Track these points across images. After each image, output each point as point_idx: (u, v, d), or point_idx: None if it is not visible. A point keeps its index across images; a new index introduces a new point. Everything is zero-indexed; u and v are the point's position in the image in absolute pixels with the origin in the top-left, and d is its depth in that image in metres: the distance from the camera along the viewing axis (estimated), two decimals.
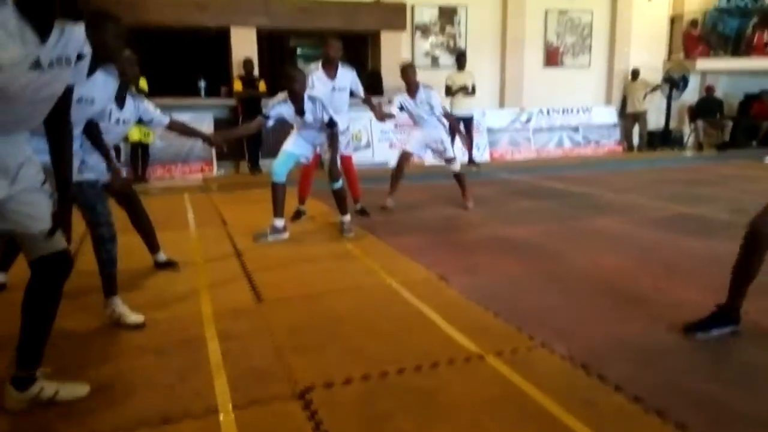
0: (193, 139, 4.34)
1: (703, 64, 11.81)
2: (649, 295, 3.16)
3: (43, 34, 1.66)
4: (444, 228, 4.98)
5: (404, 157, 5.76)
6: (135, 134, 7.96)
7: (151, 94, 8.00)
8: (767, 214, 2.58)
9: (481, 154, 10.27)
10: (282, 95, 4.37)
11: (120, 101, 3.17)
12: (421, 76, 10.39)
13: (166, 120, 3.59)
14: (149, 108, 3.45)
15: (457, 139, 5.99)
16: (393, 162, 9.63)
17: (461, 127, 6.85)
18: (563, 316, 2.88)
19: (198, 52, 10.14)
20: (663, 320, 2.78)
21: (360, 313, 2.91)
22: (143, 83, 7.87)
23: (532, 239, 4.48)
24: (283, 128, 4.85)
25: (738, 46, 12.15)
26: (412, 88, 5.51)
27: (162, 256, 3.77)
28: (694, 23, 11.88)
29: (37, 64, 1.67)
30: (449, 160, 5.66)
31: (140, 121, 3.48)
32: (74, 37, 1.78)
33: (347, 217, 4.67)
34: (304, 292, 3.26)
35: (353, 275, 3.58)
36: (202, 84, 9.21)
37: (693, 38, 11.88)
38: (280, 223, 4.49)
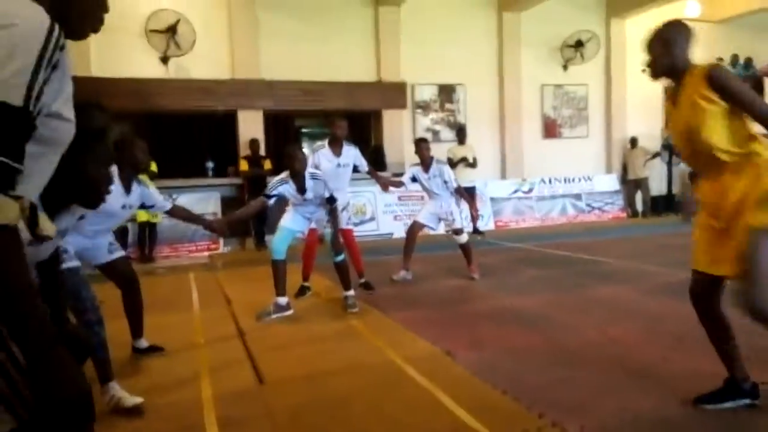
0: (195, 225, 4.38)
1: None
2: (660, 367, 3.08)
3: None
4: (450, 300, 4.94)
5: (415, 228, 5.83)
6: (143, 215, 8.09)
7: (161, 176, 8.24)
8: (693, 281, 2.59)
9: (485, 223, 10.32)
10: (283, 174, 4.48)
11: (127, 187, 3.26)
12: None
13: (168, 206, 3.69)
14: (153, 194, 3.54)
15: (466, 208, 6.12)
16: (398, 233, 9.78)
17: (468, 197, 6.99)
18: (573, 390, 2.79)
19: (206, 134, 10.48)
20: (676, 393, 2.69)
21: (365, 394, 2.84)
22: (153, 166, 8.08)
23: (538, 309, 4.42)
24: (286, 204, 4.97)
25: None
26: (425, 162, 5.68)
27: (144, 343, 3.68)
28: None
29: None
30: (457, 232, 5.73)
31: (143, 206, 3.55)
32: None
33: (351, 292, 4.65)
34: (307, 372, 3.19)
35: (357, 353, 3.52)
36: (210, 164, 9.48)
37: None
38: (283, 300, 4.48)
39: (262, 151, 9.28)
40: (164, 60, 9.03)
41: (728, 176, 2.22)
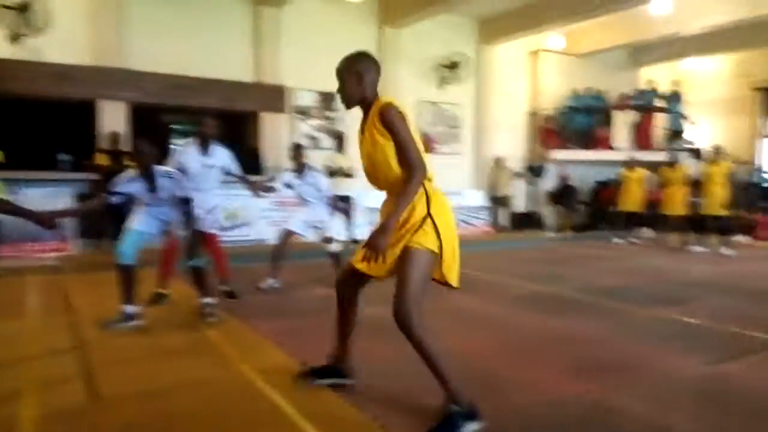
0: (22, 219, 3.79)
1: (558, 154, 13.12)
2: (501, 375, 3.24)
3: None
4: (315, 310, 4.86)
5: (286, 235, 5.69)
6: None
7: (6, 166, 7.39)
8: (342, 273, 2.92)
9: (361, 232, 10.40)
10: (132, 171, 4.17)
11: None
12: None
13: None
14: None
15: (338, 217, 6.09)
16: (272, 239, 9.55)
17: (342, 205, 7.00)
18: (420, 399, 2.85)
19: (60, 124, 9.53)
20: (514, 400, 2.85)
21: (207, 410, 2.69)
22: None
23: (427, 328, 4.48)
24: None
25: (587, 139, 13.71)
26: (300, 169, 5.59)
27: None
28: (548, 119, 13.28)
29: None
30: (327, 240, 5.70)
31: None
32: None
33: (208, 299, 4.43)
34: (147, 388, 2.96)
35: (206, 366, 3.34)
36: (64, 157, 8.63)
37: (548, 131, 13.23)
38: (131, 309, 4.15)
39: (125, 146, 8.62)
40: (14, 38, 8.10)
41: (394, 200, 2.50)
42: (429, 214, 2.49)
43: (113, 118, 8.83)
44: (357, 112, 9.40)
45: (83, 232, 8.30)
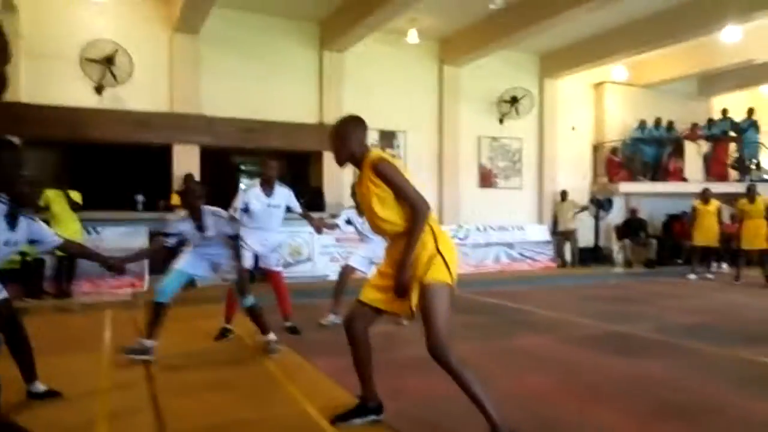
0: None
1: (626, 187, 12.70)
2: (573, 420, 3.11)
3: None
4: (376, 347, 4.79)
5: (346, 271, 5.76)
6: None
7: (86, 207, 7.88)
8: (351, 313, 2.97)
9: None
10: (183, 212, 4.33)
11: (11, 223, 3.07)
12: None
13: (57, 242, 3.38)
14: (41, 230, 3.31)
15: None
16: (333, 275, 9.66)
17: None
18: None
19: (139, 167, 10.15)
20: None
21: None
22: (76, 196, 7.74)
23: (461, 356, 4.40)
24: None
25: (657, 171, 13.22)
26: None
27: (39, 387, 3.39)
28: (614, 151, 12.93)
29: None
30: None
31: (31, 242, 3.30)
32: None
33: (271, 336, 4.51)
34: (214, 422, 3.03)
35: (271, 403, 3.39)
36: (140, 198, 9.16)
37: (615, 164, 12.87)
38: (149, 343, 4.22)
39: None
40: (98, 89, 8.78)
41: (401, 242, 2.69)
42: (438, 249, 2.64)
43: (187, 161, 9.33)
44: (418, 148, 9.58)
45: (154, 269, 8.70)
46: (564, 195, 12.12)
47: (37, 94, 8.47)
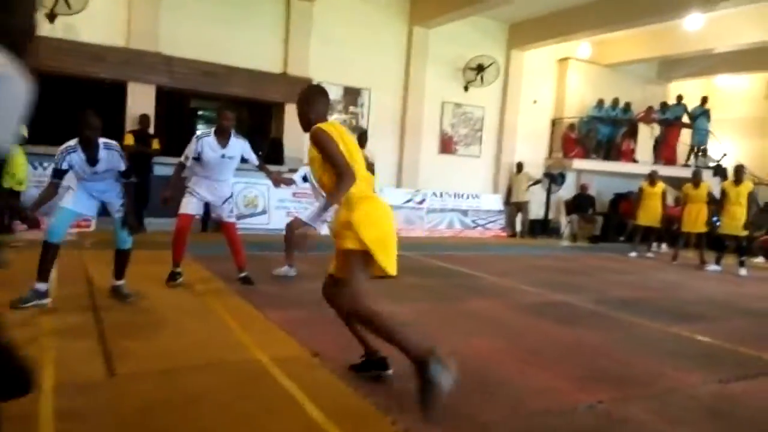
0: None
1: (579, 164, 13.05)
2: (514, 380, 3.27)
3: None
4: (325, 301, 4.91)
5: (294, 224, 5.75)
6: (7, 180, 7.34)
7: (32, 141, 7.51)
8: (324, 284, 3.19)
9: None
10: (72, 142, 4.11)
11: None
12: None
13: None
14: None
15: None
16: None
17: None
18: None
19: (90, 104, 9.70)
20: (525, 406, 2.87)
21: (220, 393, 2.75)
22: (22, 129, 7.36)
23: (412, 317, 4.52)
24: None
25: (610, 150, 13.62)
26: None
27: None
28: (571, 127, 13.21)
29: None
30: None
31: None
32: None
33: (122, 282, 4.45)
34: (164, 366, 3.04)
35: (222, 349, 3.41)
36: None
37: (570, 140, 13.16)
38: (42, 287, 4.06)
39: (152, 129, 8.76)
40: (51, 17, 8.26)
41: (339, 206, 2.88)
42: (351, 220, 2.80)
43: (143, 101, 8.97)
44: (382, 108, 9.44)
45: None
46: (520, 167, 12.35)
47: None
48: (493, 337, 4.16)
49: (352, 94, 11.02)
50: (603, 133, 13.51)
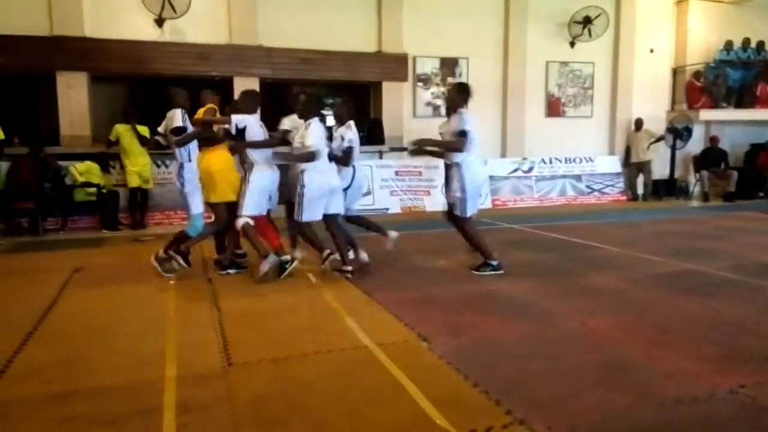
0: None
1: (707, 114, 11.79)
2: (641, 364, 2.98)
3: None
4: (434, 282, 4.82)
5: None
6: (134, 179, 7.99)
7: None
8: None
9: (482, 202, 10.18)
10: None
11: None
12: (423, 124, 10.53)
13: None
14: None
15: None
16: (394, 209, 9.65)
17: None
18: (547, 387, 2.70)
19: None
20: (652, 394, 2.60)
21: (329, 382, 2.75)
22: (144, 131, 7.94)
23: (523, 296, 4.32)
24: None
25: (742, 97, 12.16)
26: None
27: None
28: (696, 74, 11.92)
29: None
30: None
31: None
32: None
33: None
34: (275, 355, 3.10)
35: (329, 335, 3.43)
36: None
37: (696, 89, 11.89)
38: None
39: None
40: (159, 22, 8.78)
41: None
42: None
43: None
44: (480, 76, 9.09)
45: None
46: (639, 124, 11.40)
47: (101, 29, 8.57)
48: (616, 315, 3.84)
49: (448, 66, 10.70)
50: (733, 78, 12.04)
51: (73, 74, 8.64)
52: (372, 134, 10.17)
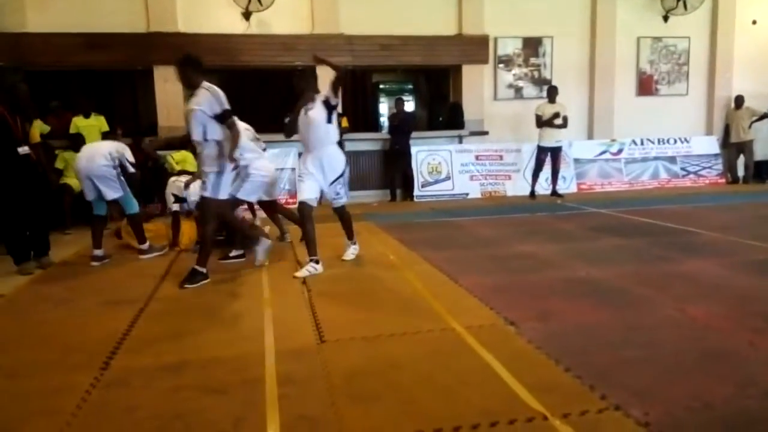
0: None
1: None
2: (743, 353, 2.83)
3: None
4: (522, 267, 4.77)
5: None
6: None
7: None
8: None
9: (567, 186, 9.91)
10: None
11: None
12: (504, 107, 10.34)
13: None
14: None
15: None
16: (473, 194, 9.58)
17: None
18: (643, 373, 2.63)
19: (286, 90, 10.61)
20: (756, 384, 2.47)
21: (419, 362, 2.82)
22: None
23: (614, 282, 4.19)
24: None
25: None
26: None
27: None
28: None
29: None
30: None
31: None
32: None
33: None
34: (365, 334, 3.21)
35: (416, 317, 3.49)
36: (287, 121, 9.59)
37: None
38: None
39: (340, 108, 9.26)
40: (246, 15, 9.13)
41: None
42: None
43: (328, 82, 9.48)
44: (566, 55, 8.79)
45: None
46: (739, 101, 10.60)
47: (193, 24, 9.03)
48: (714, 303, 3.65)
49: (531, 46, 10.41)
50: None
51: (169, 68, 9.06)
52: (451, 118, 10.11)
